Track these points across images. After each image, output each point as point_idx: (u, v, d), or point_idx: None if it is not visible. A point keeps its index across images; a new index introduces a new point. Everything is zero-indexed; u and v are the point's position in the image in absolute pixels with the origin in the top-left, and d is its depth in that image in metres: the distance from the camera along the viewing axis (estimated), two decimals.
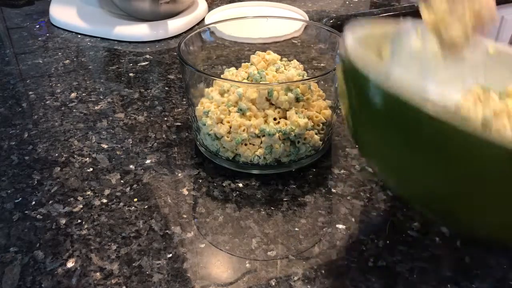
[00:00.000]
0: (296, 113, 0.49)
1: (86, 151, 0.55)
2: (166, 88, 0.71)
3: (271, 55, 0.57)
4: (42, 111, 0.64)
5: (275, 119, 0.49)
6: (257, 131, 0.48)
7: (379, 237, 0.43)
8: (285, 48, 0.72)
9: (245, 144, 0.49)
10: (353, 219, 0.45)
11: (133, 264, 0.40)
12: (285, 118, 0.49)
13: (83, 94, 0.68)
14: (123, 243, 0.42)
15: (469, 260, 0.40)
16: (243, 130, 0.48)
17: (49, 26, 0.97)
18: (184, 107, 0.65)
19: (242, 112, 0.49)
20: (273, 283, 0.38)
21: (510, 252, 0.41)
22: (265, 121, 0.49)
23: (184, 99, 0.67)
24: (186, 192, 0.48)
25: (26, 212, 0.46)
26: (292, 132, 0.48)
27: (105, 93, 0.69)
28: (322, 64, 0.68)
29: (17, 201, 0.47)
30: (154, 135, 0.58)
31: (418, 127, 0.25)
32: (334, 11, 1.03)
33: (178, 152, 0.55)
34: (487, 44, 0.41)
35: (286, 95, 0.48)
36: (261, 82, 0.52)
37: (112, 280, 0.38)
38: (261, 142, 0.49)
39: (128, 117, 0.62)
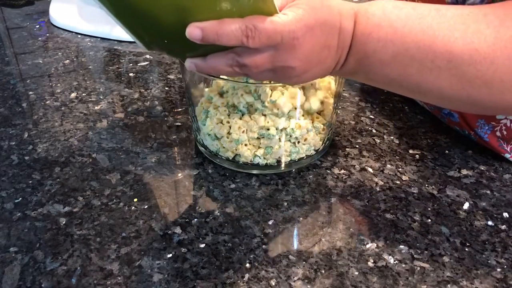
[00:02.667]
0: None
1: (86, 151, 0.55)
2: (166, 88, 0.71)
3: None
4: (42, 111, 0.64)
5: None
6: (256, 135, 0.48)
7: (379, 237, 0.43)
8: None
9: (245, 145, 0.49)
10: (353, 219, 0.45)
11: (133, 264, 0.40)
12: None
13: (83, 94, 0.68)
14: (123, 243, 0.42)
15: (469, 260, 0.40)
16: (243, 132, 0.48)
17: (49, 26, 0.97)
18: (184, 107, 0.65)
19: (242, 113, 0.49)
20: (273, 283, 0.38)
21: (510, 252, 0.41)
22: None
23: (184, 99, 0.67)
24: (186, 192, 0.48)
25: (26, 212, 0.46)
26: (293, 134, 0.48)
27: (105, 93, 0.69)
28: None
29: (17, 201, 0.47)
30: (154, 135, 0.58)
31: None
32: None
33: (178, 152, 0.55)
34: None
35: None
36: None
37: (112, 280, 0.38)
38: (261, 143, 0.49)
39: (128, 117, 0.62)
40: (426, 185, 0.49)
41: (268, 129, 0.48)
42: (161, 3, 0.32)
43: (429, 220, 0.45)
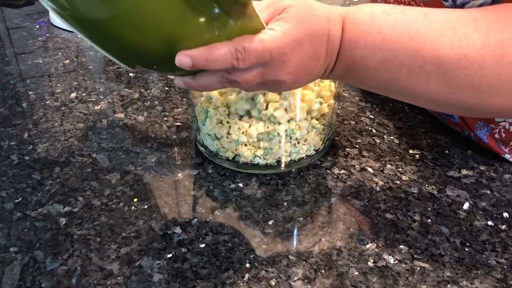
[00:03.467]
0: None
1: (86, 151, 0.55)
2: (166, 88, 0.71)
3: None
4: (42, 111, 0.64)
5: None
6: (255, 139, 0.48)
7: (379, 237, 0.43)
8: None
9: (245, 145, 0.49)
10: (353, 219, 0.45)
11: (133, 264, 0.40)
12: None
13: (83, 94, 0.68)
14: (123, 243, 0.42)
15: (469, 260, 0.40)
16: (242, 133, 0.48)
17: (49, 26, 0.97)
18: (184, 107, 0.65)
19: (241, 115, 0.49)
20: (273, 283, 0.38)
21: (510, 252, 0.41)
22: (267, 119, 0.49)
23: (184, 99, 0.67)
24: (186, 192, 0.48)
25: (26, 212, 0.46)
26: (293, 135, 0.48)
27: (105, 93, 0.69)
28: None
29: (17, 201, 0.47)
30: (154, 135, 0.58)
31: None
32: None
33: (178, 152, 0.55)
34: None
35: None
36: None
37: (112, 280, 0.38)
38: (261, 144, 0.49)
39: (128, 117, 0.62)
40: (426, 185, 0.49)
41: (268, 132, 0.48)
42: (148, 36, 0.32)
43: (429, 220, 0.45)
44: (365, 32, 0.38)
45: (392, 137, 0.58)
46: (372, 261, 0.40)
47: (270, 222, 0.44)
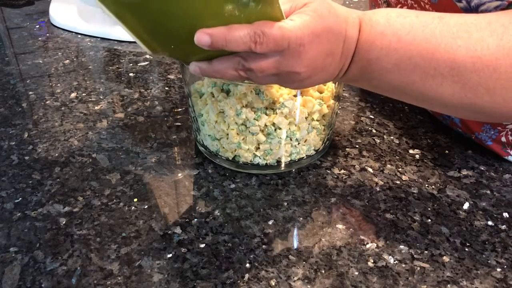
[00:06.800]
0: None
1: (86, 151, 0.55)
2: (166, 88, 0.71)
3: None
4: (42, 111, 0.64)
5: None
6: (255, 144, 0.48)
7: (379, 237, 0.43)
8: None
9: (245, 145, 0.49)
10: (353, 219, 0.45)
11: (133, 264, 0.40)
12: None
13: (83, 94, 0.68)
14: (123, 243, 0.42)
15: (469, 260, 0.40)
16: (242, 139, 0.48)
17: (49, 26, 0.97)
18: (184, 107, 0.65)
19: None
20: (273, 283, 0.38)
21: (510, 252, 0.41)
22: (265, 125, 0.49)
23: (184, 99, 0.67)
24: (186, 192, 0.48)
25: (26, 212, 0.46)
26: (293, 136, 0.48)
27: (105, 93, 0.69)
28: None
29: (17, 201, 0.47)
30: (154, 135, 0.58)
31: None
32: None
33: (178, 152, 0.55)
34: None
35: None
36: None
37: (112, 280, 0.38)
38: (261, 147, 0.49)
39: (128, 117, 0.62)
40: (426, 185, 0.49)
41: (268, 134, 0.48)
42: (170, 11, 0.32)
43: (429, 220, 0.45)
44: (381, 34, 0.38)
45: (392, 137, 0.58)
46: (372, 261, 0.40)
47: (270, 222, 0.44)
